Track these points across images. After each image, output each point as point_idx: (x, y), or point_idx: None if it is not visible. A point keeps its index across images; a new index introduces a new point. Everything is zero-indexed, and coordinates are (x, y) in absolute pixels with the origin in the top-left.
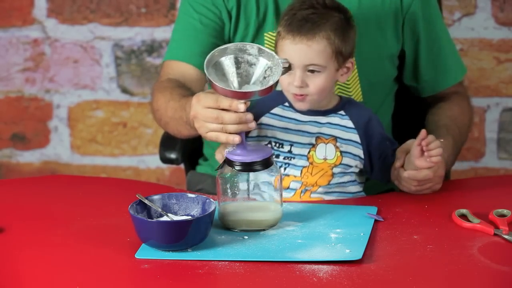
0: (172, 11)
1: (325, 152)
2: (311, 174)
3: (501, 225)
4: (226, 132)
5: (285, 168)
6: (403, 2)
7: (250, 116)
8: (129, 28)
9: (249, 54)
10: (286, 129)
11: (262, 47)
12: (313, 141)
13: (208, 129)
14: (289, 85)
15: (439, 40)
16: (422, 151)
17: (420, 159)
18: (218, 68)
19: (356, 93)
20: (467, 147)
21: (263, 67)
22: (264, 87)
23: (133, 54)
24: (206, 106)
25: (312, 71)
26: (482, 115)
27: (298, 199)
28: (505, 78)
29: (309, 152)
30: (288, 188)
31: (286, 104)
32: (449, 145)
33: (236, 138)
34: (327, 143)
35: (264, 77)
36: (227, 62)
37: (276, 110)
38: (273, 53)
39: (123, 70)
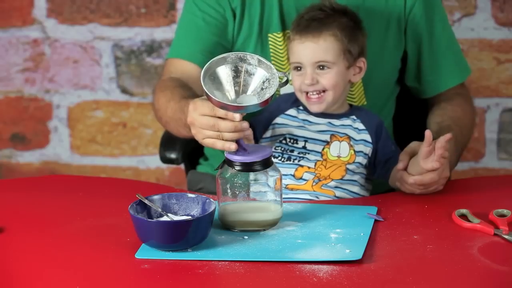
0: (172, 11)
1: (339, 149)
2: (325, 167)
3: (501, 225)
4: (223, 139)
5: (299, 160)
6: (406, 4)
7: (246, 124)
8: (128, 28)
9: (249, 64)
10: (301, 127)
11: (261, 58)
12: (327, 138)
13: (205, 136)
14: (301, 85)
15: (441, 41)
16: (429, 153)
17: (426, 161)
18: (215, 78)
19: (359, 96)
20: (467, 148)
21: (261, 78)
22: (260, 101)
23: (132, 55)
24: (202, 114)
25: (322, 68)
26: (482, 115)
27: (309, 189)
28: (505, 78)
29: (323, 149)
30: (301, 178)
31: (301, 107)
32: (451, 147)
33: (232, 146)
34: (341, 141)
35: (262, 89)
36: (225, 72)
37: (291, 112)
38: (271, 65)
39: (122, 70)
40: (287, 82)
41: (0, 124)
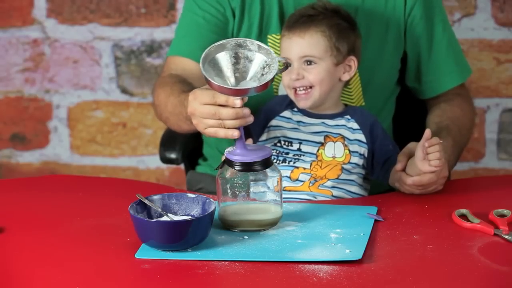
0: (172, 11)
1: (334, 150)
2: (321, 167)
3: (501, 225)
4: (225, 128)
5: (294, 162)
6: (406, 5)
7: (247, 110)
8: (128, 28)
9: (249, 50)
10: (295, 129)
11: (261, 44)
12: (321, 139)
13: (206, 125)
14: (289, 81)
15: (442, 42)
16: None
17: (423, 162)
18: (215, 64)
19: (357, 97)
20: (467, 148)
21: (261, 64)
22: (259, 84)
23: (132, 55)
24: (203, 103)
25: (309, 63)
26: (482, 115)
27: (307, 190)
28: (505, 78)
29: (318, 150)
30: (297, 179)
31: (295, 109)
32: (449, 146)
33: (235, 133)
34: (336, 141)
35: (262, 74)
36: (224, 58)
37: (285, 113)
38: (270, 50)
39: (122, 70)
40: (287, 66)
41: (0, 124)
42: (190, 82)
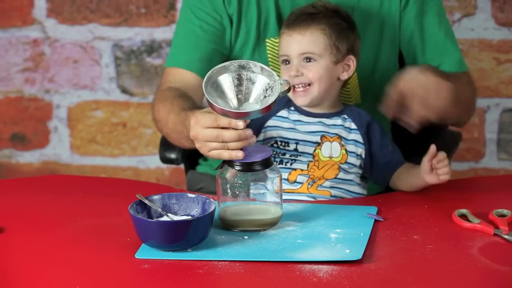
0: (172, 12)
1: (331, 150)
2: (318, 168)
3: (501, 225)
4: (228, 149)
5: (291, 163)
6: (401, 2)
7: (249, 132)
8: (128, 28)
9: (252, 72)
10: (291, 129)
11: (264, 66)
12: (318, 139)
13: (210, 148)
14: (288, 78)
15: (436, 36)
16: (432, 168)
17: (430, 175)
18: (218, 86)
19: (355, 96)
20: (467, 148)
21: (263, 86)
22: (262, 107)
23: (132, 54)
24: (205, 126)
25: (309, 60)
26: (482, 115)
27: (305, 191)
28: (505, 78)
29: (314, 151)
30: (295, 181)
31: (292, 108)
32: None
33: (240, 154)
34: (332, 141)
35: (265, 96)
36: (227, 80)
37: (282, 113)
38: (273, 72)
39: (122, 70)
40: (289, 89)
41: (0, 124)
42: (190, 96)
